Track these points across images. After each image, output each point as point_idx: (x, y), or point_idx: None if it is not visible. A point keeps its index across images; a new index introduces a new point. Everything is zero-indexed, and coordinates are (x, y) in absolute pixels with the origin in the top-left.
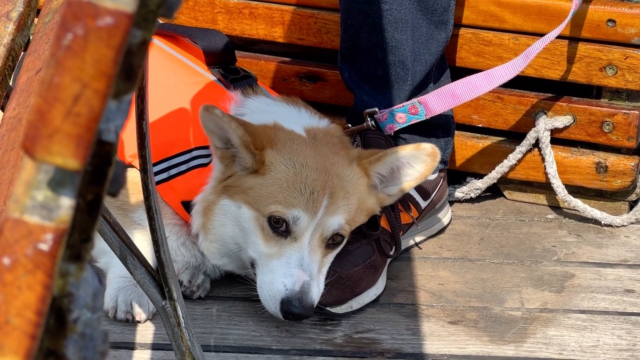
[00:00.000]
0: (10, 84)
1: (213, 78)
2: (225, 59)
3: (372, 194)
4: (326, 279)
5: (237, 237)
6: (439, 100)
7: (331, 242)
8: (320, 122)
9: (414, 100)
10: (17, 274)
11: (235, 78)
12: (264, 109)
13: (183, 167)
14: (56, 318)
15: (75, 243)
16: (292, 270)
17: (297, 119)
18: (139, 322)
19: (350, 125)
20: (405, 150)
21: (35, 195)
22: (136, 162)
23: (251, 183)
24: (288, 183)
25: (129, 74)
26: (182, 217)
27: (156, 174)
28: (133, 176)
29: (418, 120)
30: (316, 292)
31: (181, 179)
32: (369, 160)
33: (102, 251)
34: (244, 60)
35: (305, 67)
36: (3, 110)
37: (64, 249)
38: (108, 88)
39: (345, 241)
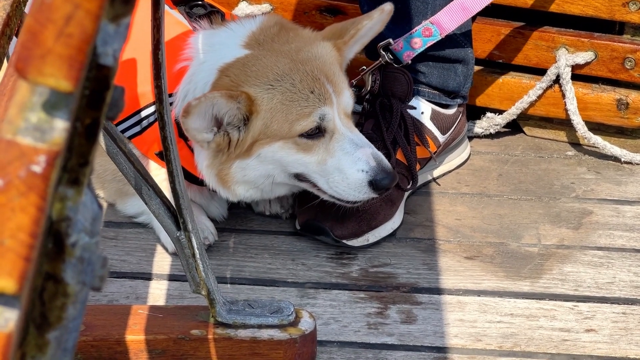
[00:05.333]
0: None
1: (179, 17)
2: None
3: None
4: (341, 211)
5: (269, 173)
6: (451, 16)
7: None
8: (250, 25)
9: (426, 22)
10: (10, 196)
11: (203, 14)
12: (206, 45)
13: (152, 119)
14: (54, 242)
15: (73, 167)
16: (355, 155)
17: (233, 40)
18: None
19: (365, 67)
20: (373, 19)
21: (29, 117)
22: None
23: (256, 130)
24: (286, 101)
25: None
26: (160, 165)
27: (129, 128)
28: None
29: (434, 42)
30: (382, 155)
31: (150, 130)
32: (343, 41)
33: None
34: None
35: (326, 0)
36: (17, 37)
37: (61, 173)
38: (100, 9)
39: None
